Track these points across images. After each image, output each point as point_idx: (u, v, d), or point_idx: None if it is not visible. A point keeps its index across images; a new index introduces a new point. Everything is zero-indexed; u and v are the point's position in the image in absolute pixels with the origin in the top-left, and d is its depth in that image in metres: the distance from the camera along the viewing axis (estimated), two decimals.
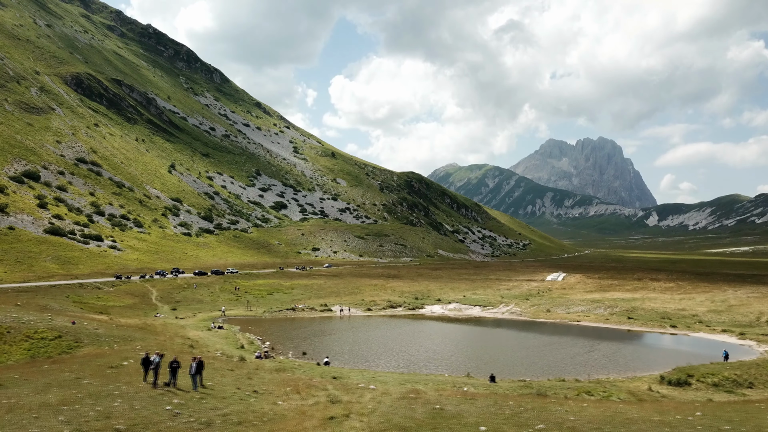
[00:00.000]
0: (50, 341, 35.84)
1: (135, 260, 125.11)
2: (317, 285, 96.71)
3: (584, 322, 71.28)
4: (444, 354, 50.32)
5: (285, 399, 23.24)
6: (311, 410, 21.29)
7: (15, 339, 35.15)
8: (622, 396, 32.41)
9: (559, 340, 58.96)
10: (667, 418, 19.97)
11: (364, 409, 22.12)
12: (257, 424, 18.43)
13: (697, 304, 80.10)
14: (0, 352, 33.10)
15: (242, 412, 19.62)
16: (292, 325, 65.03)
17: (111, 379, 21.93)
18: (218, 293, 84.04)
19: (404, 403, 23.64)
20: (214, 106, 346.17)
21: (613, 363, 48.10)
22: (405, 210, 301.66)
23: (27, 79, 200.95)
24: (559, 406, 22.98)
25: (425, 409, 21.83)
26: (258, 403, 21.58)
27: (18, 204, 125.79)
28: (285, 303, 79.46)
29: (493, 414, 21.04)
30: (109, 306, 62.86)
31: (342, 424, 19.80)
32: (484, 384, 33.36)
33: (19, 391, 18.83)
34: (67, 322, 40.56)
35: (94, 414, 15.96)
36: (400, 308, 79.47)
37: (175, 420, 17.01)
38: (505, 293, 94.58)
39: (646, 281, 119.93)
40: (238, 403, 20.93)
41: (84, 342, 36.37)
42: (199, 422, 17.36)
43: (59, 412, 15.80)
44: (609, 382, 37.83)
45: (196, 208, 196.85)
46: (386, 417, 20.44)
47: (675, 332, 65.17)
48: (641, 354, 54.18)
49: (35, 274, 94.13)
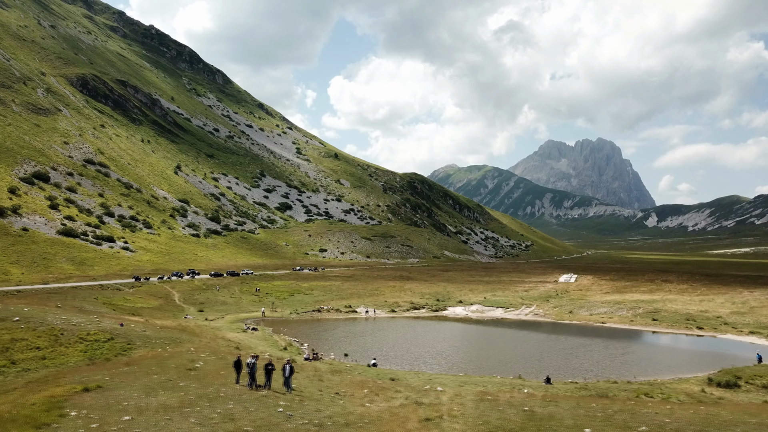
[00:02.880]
0: (103, 343, 35.78)
1: (148, 261, 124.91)
2: (335, 286, 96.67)
3: (609, 323, 71.42)
4: (483, 356, 50.38)
5: (369, 401, 23.28)
6: (402, 412, 21.34)
7: (70, 341, 35.11)
8: (681, 398, 32.50)
9: (591, 342, 59.07)
10: (765, 420, 20.12)
11: (451, 411, 22.17)
12: (362, 425, 18.46)
13: (718, 306, 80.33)
14: (58, 354, 33.04)
15: (342, 413, 19.62)
16: (321, 327, 65.02)
17: (202, 381, 21.92)
18: (239, 295, 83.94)
19: (487, 405, 23.69)
20: (217, 107, 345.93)
21: (651, 364, 48.21)
22: (409, 211, 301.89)
23: (33, 80, 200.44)
24: (643, 407, 23.08)
25: (514, 411, 21.89)
26: (349, 405, 21.61)
27: (30, 205, 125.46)
28: (308, 304, 79.41)
29: (587, 416, 21.12)
30: (137, 307, 62.75)
31: (440, 425, 19.87)
32: (541, 386, 33.43)
33: (125, 393, 18.82)
34: (114, 324, 40.53)
35: (219, 416, 15.98)
36: (423, 310, 79.52)
37: (291, 422, 17.02)
38: (524, 295, 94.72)
39: (659, 282, 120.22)
40: (332, 405, 20.95)
41: (136, 344, 36.34)
42: (312, 424, 17.37)
43: (186, 414, 15.82)
44: (657, 383, 37.97)
45: (204, 209, 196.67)
46: (483, 419, 20.50)
47: (702, 334, 65.35)
48: (676, 356, 54.32)
49: (53, 276, 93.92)
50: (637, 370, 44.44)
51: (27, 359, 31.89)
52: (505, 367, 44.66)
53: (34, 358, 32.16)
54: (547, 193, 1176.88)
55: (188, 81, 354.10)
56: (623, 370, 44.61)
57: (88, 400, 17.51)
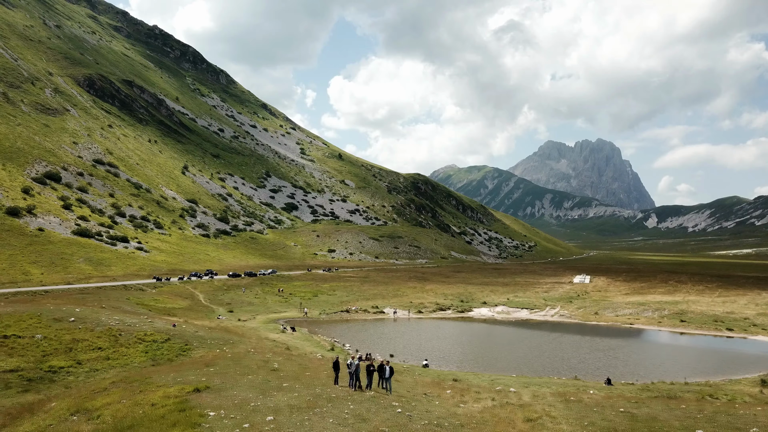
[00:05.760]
0: (162, 344, 35.66)
1: (163, 262, 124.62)
2: (355, 287, 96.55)
3: (637, 325, 71.41)
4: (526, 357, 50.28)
5: (460, 401, 23.17)
6: (502, 413, 21.24)
7: (129, 341, 34.99)
8: (746, 399, 32.49)
9: (626, 344, 59.06)
10: None
11: (547, 412, 22.09)
12: (474, 426, 18.35)
13: (742, 308, 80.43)
14: (120, 354, 32.91)
15: (448, 414, 19.48)
16: (353, 328, 64.90)
17: (301, 382, 21.80)
18: (263, 295, 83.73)
19: (576, 406, 23.64)
20: (221, 107, 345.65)
21: (697, 366, 48.22)
22: (413, 212, 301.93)
23: (41, 80, 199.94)
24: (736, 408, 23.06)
25: (612, 412, 21.82)
26: (445, 405, 21.49)
27: (44, 205, 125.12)
28: (334, 305, 79.28)
29: (687, 417, 21.05)
30: (169, 308, 62.55)
31: (546, 425, 19.79)
32: (604, 387, 33.36)
33: (239, 393, 18.69)
34: (167, 324, 40.43)
35: (351, 417, 15.89)
36: (449, 311, 79.44)
37: (414, 422, 16.90)
38: (545, 296, 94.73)
39: (674, 284, 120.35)
40: (431, 405, 20.81)
41: (193, 345, 36.22)
42: (432, 424, 17.26)
43: (321, 414, 15.72)
44: (712, 384, 37.98)
45: (212, 210, 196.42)
46: (587, 420, 20.43)
47: (732, 335, 65.37)
48: (715, 357, 54.29)
49: (72, 276, 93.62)
50: (684, 371, 44.36)
51: (91, 359, 31.76)
52: (553, 368, 44.58)
53: (98, 359, 32.02)
54: (547, 193, 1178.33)
55: (192, 81, 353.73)
56: (672, 371, 44.54)
57: (209, 400, 17.38)
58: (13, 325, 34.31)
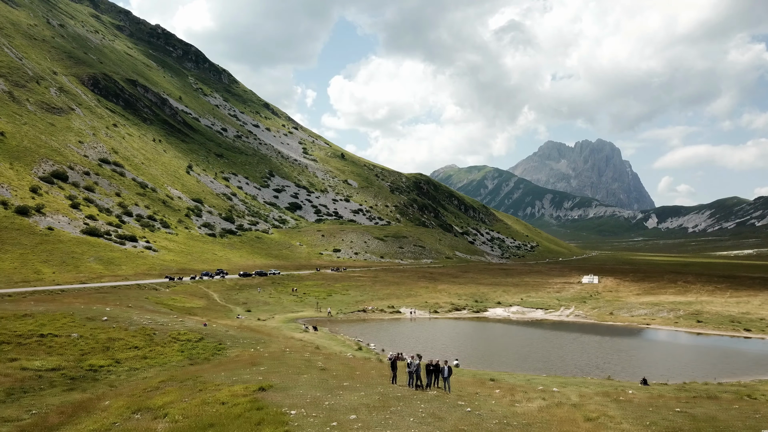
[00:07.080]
0: (196, 343, 35.54)
1: (172, 261, 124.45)
2: (367, 287, 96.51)
3: (653, 325, 71.39)
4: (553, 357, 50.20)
5: (514, 401, 23.09)
6: (560, 413, 21.14)
7: (163, 341, 34.87)
8: None
9: (648, 344, 59.06)
10: None
11: (603, 412, 22.01)
12: (541, 425, 18.28)
13: (757, 308, 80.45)
14: (156, 354, 32.79)
15: (510, 414, 19.38)
16: (372, 327, 64.82)
17: (358, 381, 21.70)
18: (277, 295, 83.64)
19: (629, 406, 23.58)
20: (224, 106, 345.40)
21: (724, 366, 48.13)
22: (416, 211, 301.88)
23: (46, 79, 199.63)
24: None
25: (670, 412, 21.77)
26: (502, 405, 21.41)
27: (52, 204, 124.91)
28: (350, 305, 79.24)
29: (746, 417, 20.99)
30: (188, 307, 62.43)
31: (608, 425, 19.71)
32: (642, 387, 33.30)
33: (305, 392, 18.58)
34: (197, 324, 40.33)
35: (428, 416, 15.80)
36: (464, 311, 79.45)
37: (485, 421, 16.80)
38: (557, 296, 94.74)
39: (682, 284, 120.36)
40: (494, 405, 20.71)
41: (227, 344, 36.11)
42: (502, 423, 17.18)
43: (399, 413, 15.64)
44: (747, 385, 37.91)
45: (217, 209, 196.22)
46: (648, 420, 20.34)
47: (750, 336, 65.35)
48: (739, 357, 54.22)
49: (84, 275, 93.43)
50: (712, 372, 44.32)
51: (129, 358, 31.64)
52: (580, 368, 44.54)
53: (136, 358, 31.90)
54: (547, 193, 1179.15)
55: (194, 81, 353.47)
56: (699, 371, 44.45)
57: (279, 399, 17.26)
58: (48, 324, 34.20)
